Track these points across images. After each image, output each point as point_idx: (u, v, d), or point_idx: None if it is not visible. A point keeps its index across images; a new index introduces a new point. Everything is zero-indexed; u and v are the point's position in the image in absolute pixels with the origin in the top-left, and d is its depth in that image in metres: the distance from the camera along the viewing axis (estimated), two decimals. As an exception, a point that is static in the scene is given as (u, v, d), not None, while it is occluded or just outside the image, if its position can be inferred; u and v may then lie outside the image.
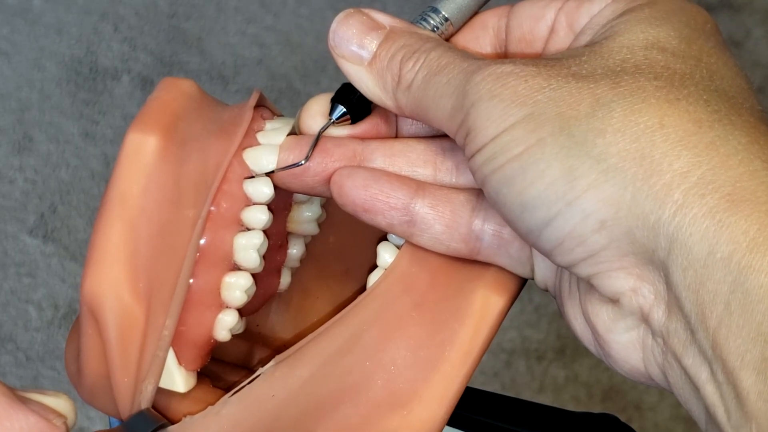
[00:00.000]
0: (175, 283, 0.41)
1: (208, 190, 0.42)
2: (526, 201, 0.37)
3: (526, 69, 0.38)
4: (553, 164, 0.36)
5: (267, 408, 0.41)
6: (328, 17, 1.42)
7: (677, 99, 0.36)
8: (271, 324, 0.49)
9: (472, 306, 0.42)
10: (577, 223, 0.36)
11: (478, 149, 0.37)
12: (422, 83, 0.39)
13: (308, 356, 0.42)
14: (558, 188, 0.36)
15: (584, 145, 0.36)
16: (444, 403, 0.42)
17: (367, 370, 0.41)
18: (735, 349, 0.34)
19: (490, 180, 0.37)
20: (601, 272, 0.37)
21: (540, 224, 0.37)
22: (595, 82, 0.37)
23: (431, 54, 0.40)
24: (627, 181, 0.35)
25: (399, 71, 0.40)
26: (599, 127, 0.36)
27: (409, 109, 0.40)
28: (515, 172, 0.37)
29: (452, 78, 0.38)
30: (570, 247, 0.36)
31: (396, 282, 0.42)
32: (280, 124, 0.44)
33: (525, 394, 1.20)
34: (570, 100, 0.36)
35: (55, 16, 1.41)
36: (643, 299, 0.36)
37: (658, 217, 0.35)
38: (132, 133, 0.42)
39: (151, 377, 0.41)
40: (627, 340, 0.38)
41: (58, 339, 1.23)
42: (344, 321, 0.42)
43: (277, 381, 0.41)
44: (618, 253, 0.36)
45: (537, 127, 0.36)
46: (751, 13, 1.44)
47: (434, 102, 0.39)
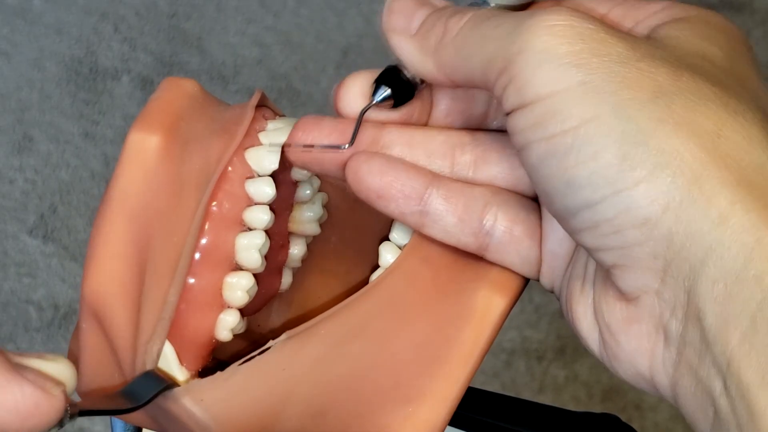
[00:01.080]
0: (178, 257, 0.41)
1: (210, 186, 0.42)
2: (572, 179, 0.35)
3: (582, 24, 0.36)
4: (608, 147, 0.35)
5: (278, 381, 0.41)
6: (328, 17, 1.42)
7: (735, 112, 0.35)
8: (273, 324, 0.49)
9: (474, 306, 0.43)
10: (620, 213, 0.35)
11: (522, 105, 0.36)
12: (468, 30, 0.38)
13: (319, 336, 0.42)
14: (609, 173, 0.35)
15: (643, 133, 0.34)
16: (447, 403, 0.42)
17: (374, 360, 0.42)
18: (756, 367, 0.33)
19: (535, 148, 0.36)
20: (626, 265, 0.36)
21: (580, 205, 0.36)
22: (656, 68, 0.35)
23: (481, 10, 0.38)
24: (679, 183, 0.34)
25: (444, 27, 0.39)
26: (660, 116, 0.35)
27: (451, 63, 0.38)
28: (566, 147, 0.35)
29: (501, 22, 0.37)
30: (604, 233, 0.36)
31: (400, 278, 0.43)
32: (282, 124, 0.44)
33: (525, 394, 1.20)
34: (630, 78, 0.35)
35: (55, 16, 1.41)
36: (663, 304, 0.36)
37: (701, 226, 0.34)
38: (134, 132, 0.42)
39: (156, 338, 0.41)
40: (637, 345, 0.37)
41: (58, 339, 1.23)
42: (351, 308, 0.42)
43: (288, 356, 0.41)
44: (651, 252, 0.35)
45: (594, 100, 0.35)
46: (751, 13, 1.44)
47: (478, 46, 0.37)
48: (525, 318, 1.24)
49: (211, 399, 0.41)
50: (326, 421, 0.41)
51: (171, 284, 0.41)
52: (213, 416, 0.41)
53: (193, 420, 0.41)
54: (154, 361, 0.41)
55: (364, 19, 1.42)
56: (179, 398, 0.41)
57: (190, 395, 0.41)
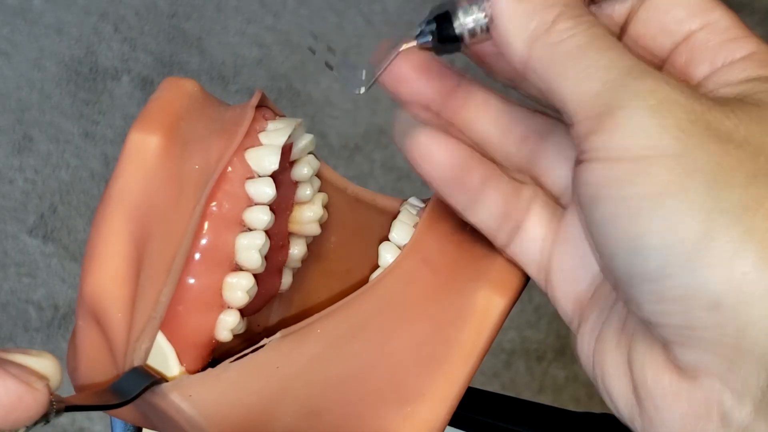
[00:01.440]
0: (172, 258, 0.41)
1: (209, 186, 0.42)
2: (643, 246, 0.33)
3: (690, 102, 0.34)
4: (691, 222, 0.32)
5: (271, 379, 0.41)
6: (328, 17, 1.42)
7: None
8: (273, 324, 0.49)
9: (474, 306, 0.43)
10: (690, 292, 0.33)
11: (606, 158, 0.34)
12: (573, 48, 0.35)
13: (315, 335, 0.42)
14: (686, 248, 0.32)
15: (731, 216, 0.32)
16: (447, 403, 0.42)
17: (372, 360, 0.42)
18: None
19: (606, 205, 0.34)
20: (689, 345, 0.33)
21: (646, 276, 0.33)
22: (756, 154, 0.33)
23: (594, 29, 0.35)
24: (762, 272, 0.32)
25: (552, 24, 0.35)
26: (750, 204, 0.32)
27: (540, 64, 0.35)
28: (644, 212, 0.33)
29: (610, 65, 0.34)
30: (669, 310, 0.33)
31: (399, 278, 0.43)
32: (282, 124, 0.44)
33: (525, 394, 1.20)
34: (728, 161, 0.33)
35: (55, 16, 1.41)
36: (728, 391, 0.33)
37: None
38: (134, 132, 0.42)
39: (145, 337, 0.41)
40: (684, 424, 0.34)
41: (58, 339, 1.23)
42: (349, 308, 0.42)
43: (282, 354, 0.41)
44: (719, 338, 0.33)
45: (685, 173, 0.33)
46: (751, 13, 1.44)
47: (581, 77, 0.34)
48: (525, 318, 1.24)
49: (200, 395, 0.41)
50: (321, 421, 0.41)
51: (165, 284, 0.41)
52: (202, 412, 0.41)
53: (182, 416, 0.40)
54: (142, 358, 0.41)
55: (364, 19, 1.42)
56: (167, 394, 0.40)
57: (177, 391, 0.40)
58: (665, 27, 0.38)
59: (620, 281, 0.35)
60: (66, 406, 0.36)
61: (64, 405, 0.36)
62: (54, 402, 0.35)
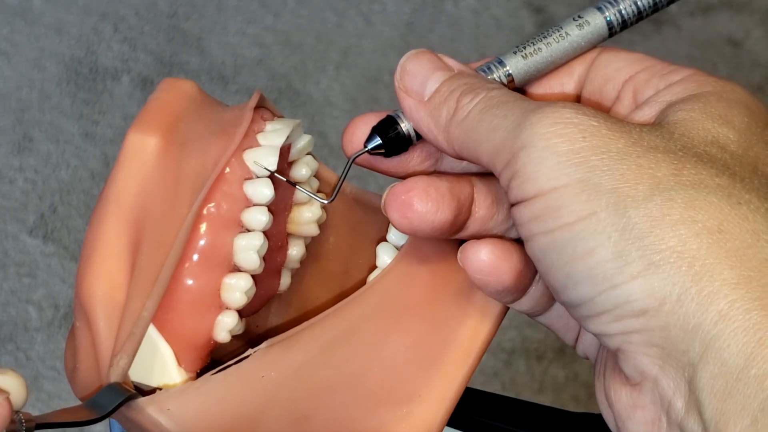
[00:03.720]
0: (160, 268, 0.41)
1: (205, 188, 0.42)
2: (572, 274, 0.36)
3: (585, 122, 0.37)
4: (604, 244, 0.35)
5: (255, 389, 0.41)
6: (328, 17, 1.42)
7: (738, 203, 0.35)
8: (271, 325, 0.49)
9: (472, 306, 0.43)
10: (619, 304, 0.36)
11: (524, 199, 0.37)
12: (477, 115, 0.39)
13: (303, 342, 0.41)
14: (606, 269, 0.35)
15: (638, 231, 0.35)
16: (444, 404, 0.42)
17: (365, 363, 0.41)
18: None
19: (537, 241, 0.37)
20: (628, 351, 0.36)
21: (581, 298, 0.36)
22: (656, 163, 0.36)
23: (492, 92, 0.39)
24: (676, 279, 0.35)
25: (456, 104, 0.39)
26: (656, 215, 0.35)
27: (459, 142, 0.39)
28: (564, 242, 0.36)
29: (508, 112, 0.38)
30: (606, 321, 0.36)
31: (396, 279, 0.43)
32: (281, 125, 0.44)
33: (525, 394, 1.20)
34: (629, 175, 0.36)
35: (55, 16, 1.41)
36: (663, 391, 0.36)
37: (699, 322, 0.34)
38: (132, 133, 0.42)
39: (124, 353, 0.40)
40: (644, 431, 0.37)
41: (58, 339, 1.23)
42: (342, 312, 0.42)
43: (268, 363, 0.41)
44: (648, 340, 0.36)
45: (591, 197, 0.36)
46: (751, 13, 1.44)
47: (486, 135, 0.38)
48: (525, 318, 1.23)
49: (179, 408, 0.40)
50: (310, 425, 0.41)
51: (148, 297, 0.41)
52: (182, 426, 0.40)
53: (160, 430, 0.40)
54: (119, 375, 0.40)
55: (364, 19, 1.42)
56: (144, 408, 0.40)
57: (154, 405, 0.40)
58: (608, 77, 0.41)
59: (566, 305, 0.38)
60: (36, 424, 0.36)
61: (33, 423, 0.36)
62: (23, 420, 0.35)
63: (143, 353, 0.42)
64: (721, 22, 1.44)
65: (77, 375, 0.42)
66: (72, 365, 0.43)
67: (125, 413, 0.40)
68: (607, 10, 0.42)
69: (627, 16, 0.42)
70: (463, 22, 1.42)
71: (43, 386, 1.21)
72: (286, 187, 0.45)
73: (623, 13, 0.42)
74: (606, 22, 0.42)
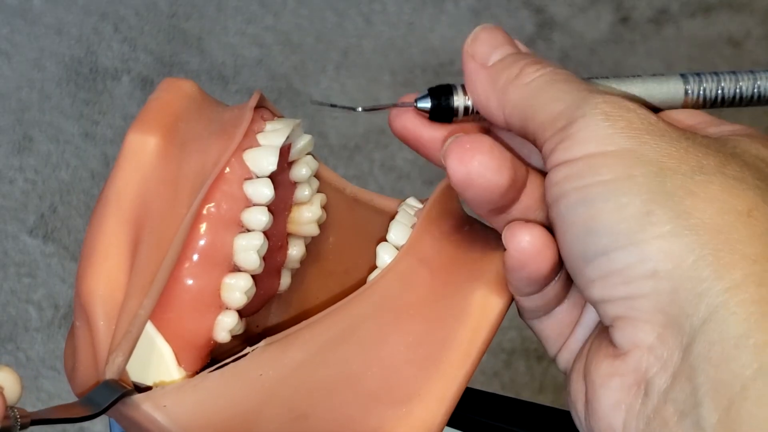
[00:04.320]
0: (158, 268, 0.41)
1: (204, 188, 0.42)
2: (595, 226, 0.37)
3: (646, 114, 0.38)
4: (635, 202, 0.36)
5: (253, 387, 0.41)
6: (328, 17, 1.42)
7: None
8: (271, 325, 0.49)
9: (471, 306, 0.43)
10: (632, 263, 0.36)
11: (568, 160, 0.38)
12: (543, 83, 0.40)
13: (302, 340, 0.41)
14: (631, 225, 0.36)
15: (672, 198, 0.36)
16: (444, 404, 0.42)
17: (364, 362, 0.41)
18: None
19: (568, 196, 0.38)
20: (628, 317, 0.37)
21: (598, 252, 0.37)
22: (705, 154, 0.37)
23: (560, 69, 0.40)
24: (696, 245, 0.36)
25: (520, 71, 0.40)
26: (693, 189, 0.36)
27: (513, 105, 0.40)
28: (596, 197, 0.37)
29: (574, 89, 0.39)
30: (614, 283, 0.37)
31: (396, 279, 0.42)
32: (281, 125, 0.44)
33: (525, 394, 1.20)
34: (676, 155, 0.37)
35: (55, 16, 1.41)
36: (653, 359, 0.36)
37: (710, 287, 0.35)
38: (132, 133, 0.42)
39: (120, 351, 0.40)
40: (616, 399, 0.37)
41: (58, 339, 1.23)
42: (341, 312, 0.42)
43: (266, 361, 0.41)
44: (654, 306, 0.36)
45: (633, 163, 0.37)
46: (751, 13, 1.44)
47: (546, 103, 0.39)
48: (525, 318, 1.23)
49: (175, 405, 0.40)
50: (308, 424, 0.41)
51: (145, 296, 0.41)
52: (178, 422, 0.40)
53: (155, 426, 0.40)
54: (115, 373, 0.40)
55: (364, 19, 1.42)
56: (139, 405, 0.40)
57: (150, 401, 0.40)
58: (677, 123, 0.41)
59: (576, 263, 0.38)
60: (32, 420, 0.36)
61: (29, 418, 0.36)
62: (17, 415, 0.35)
63: (143, 353, 0.42)
64: (721, 22, 1.44)
65: (77, 374, 0.42)
66: (72, 364, 0.43)
67: (121, 410, 0.40)
68: (690, 78, 0.43)
69: (708, 93, 0.43)
70: (463, 22, 1.42)
71: (43, 386, 1.21)
72: (286, 187, 0.45)
73: (703, 88, 0.43)
74: (684, 84, 0.43)
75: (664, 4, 1.45)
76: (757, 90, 0.43)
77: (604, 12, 1.42)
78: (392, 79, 1.37)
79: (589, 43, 1.41)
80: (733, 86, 0.43)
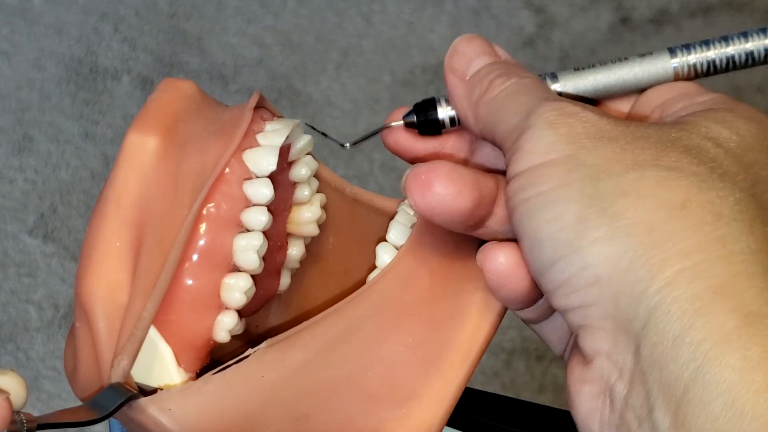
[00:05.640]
0: (161, 269, 0.41)
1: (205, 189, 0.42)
2: (539, 238, 0.37)
3: (589, 115, 0.38)
4: (570, 208, 0.37)
5: (255, 388, 0.41)
6: (328, 17, 1.42)
7: (708, 189, 0.36)
8: (271, 325, 0.49)
9: (471, 306, 0.43)
10: (576, 271, 0.36)
11: (517, 173, 0.38)
12: (504, 98, 0.40)
13: (303, 342, 0.41)
14: (568, 233, 0.37)
15: (605, 200, 0.36)
16: (444, 404, 0.42)
17: (364, 363, 0.41)
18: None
19: (518, 209, 0.38)
20: (586, 326, 0.37)
21: (546, 264, 0.37)
22: (642, 149, 0.37)
23: (524, 80, 0.41)
24: (630, 246, 0.36)
25: (488, 85, 0.41)
26: (625, 188, 0.36)
27: (483, 120, 0.41)
28: (538, 207, 0.37)
29: (528, 99, 0.39)
30: (566, 293, 0.37)
31: (395, 279, 0.42)
32: (280, 125, 0.44)
33: (525, 394, 1.20)
34: (611, 155, 0.37)
35: (55, 16, 1.41)
36: (611, 366, 0.37)
37: (645, 288, 0.35)
38: (132, 133, 0.42)
39: (125, 354, 0.40)
40: (588, 407, 0.38)
41: (58, 339, 1.23)
42: (341, 312, 0.42)
43: (267, 363, 0.41)
44: (603, 312, 0.36)
45: (571, 169, 0.37)
46: (751, 13, 1.44)
47: (505, 117, 0.40)
48: (525, 318, 1.23)
49: (180, 408, 0.40)
50: (310, 425, 0.41)
51: (149, 298, 0.41)
52: (183, 425, 0.40)
53: (162, 430, 0.40)
54: (120, 376, 0.40)
55: (364, 19, 1.42)
56: (145, 408, 0.40)
57: (156, 405, 0.40)
58: (648, 100, 0.42)
59: (534, 275, 0.39)
60: (38, 424, 0.36)
61: (35, 423, 0.36)
62: (24, 420, 0.35)
63: (144, 354, 0.42)
64: (721, 22, 1.44)
65: (77, 375, 0.42)
66: (72, 365, 0.43)
67: (127, 413, 0.40)
68: (678, 52, 0.42)
69: (698, 63, 0.42)
70: (463, 22, 1.42)
71: (43, 386, 1.21)
72: (286, 187, 0.45)
73: (693, 61, 0.42)
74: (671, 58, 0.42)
75: (664, 4, 1.45)
76: (750, 54, 0.42)
77: (604, 12, 1.42)
78: (392, 79, 1.37)
79: (589, 43, 1.41)
80: (724, 52, 0.42)
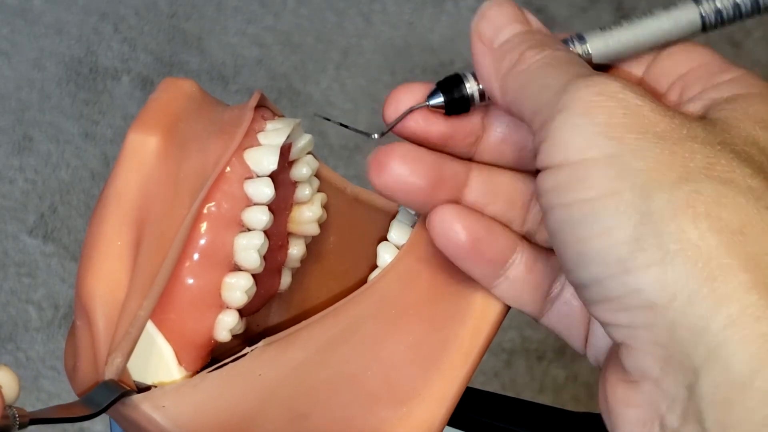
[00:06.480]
0: (159, 268, 0.41)
1: (205, 189, 0.42)
2: (585, 251, 0.35)
3: (630, 99, 0.36)
4: (622, 226, 0.34)
5: (252, 387, 0.41)
6: (328, 17, 1.42)
7: (765, 208, 0.34)
8: (272, 324, 0.49)
9: (472, 306, 0.43)
10: (627, 292, 0.34)
11: (551, 165, 0.36)
12: (536, 70, 0.38)
13: (302, 341, 0.41)
14: (620, 252, 0.34)
15: (660, 218, 0.34)
16: (444, 403, 0.42)
17: (365, 362, 0.41)
18: None
19: (555, 212, 0.36)
20: (631, 345, 0.35)
21: (591, 278, 0.35)
22: (692, 153, 0.35)
23: (557, 52, 0.38)
24: (690, 276, 0.33)
25: (519, 56, 0.38)
26: (681, 204, 0.34)
27: (511, 93, 0.38)
28: (582, 217, 0.35)
29: (561, 74, 0.37)
30: (613, 309, 0.35)
31: (396, 279, 0.42)
32: (281, 124, 0.44)
33: (525, 394, 1.20)
34: (661, 160, 0.35)
35: (55, 16, 1.41)
36: (662, 394, 0.35)
37: (707, 325, 0.33)
38: (132, 133, 0.42)
39: (119, 352, 0.40)
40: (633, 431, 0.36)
41: (58, 339, 1.23)
42: (342, 311, 0.42)
43: (265, 362, 0.41)
44: (654, 338, 0.34)
45: (618, 175, 0.35)
46: (751, 13, 1.44)
47: (535, 91, 0.37)
48: (525, 318, 1.23)
49: (174, 405, 0.40)
50: (308, 424, 0.41)
51: (146, 297, 0.40)
52: (177, 422, 0.40)
53: (154, 426, 0.40)
54: (114, 373, 0.40)
55: (364, 19, 1.42)
56: (138, 405, 0.40)
57: (149, 402, 0.40)
58: (665, 70, 0.40)
59: (575, 285, 0.37)
60: (30, 419, 0.36)
61: (28, 418, 0.36)
62: (16, 415, 0.35)
63: (144, 352, 0.42)
64: (721, 23, 1.44)
65: (77, 374, 0.42)
66: (72, 364, 0.43)
67: (121, 410, 0.40)
68: (704, 2, 0.40)
69: (724, 9, 0.40)
70: (463, 22, 1.42)
71: (43, 386, 1.21)
72: (287, 186, 0.45)
73: (719, 7, 0.40)
74: (698, 10, 0.40)
75: (664, 4, 1.45)
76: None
77: (604, 12, 1.42)
78: (392, 79, 1.37)
79: (589, 43, 1.41)
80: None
